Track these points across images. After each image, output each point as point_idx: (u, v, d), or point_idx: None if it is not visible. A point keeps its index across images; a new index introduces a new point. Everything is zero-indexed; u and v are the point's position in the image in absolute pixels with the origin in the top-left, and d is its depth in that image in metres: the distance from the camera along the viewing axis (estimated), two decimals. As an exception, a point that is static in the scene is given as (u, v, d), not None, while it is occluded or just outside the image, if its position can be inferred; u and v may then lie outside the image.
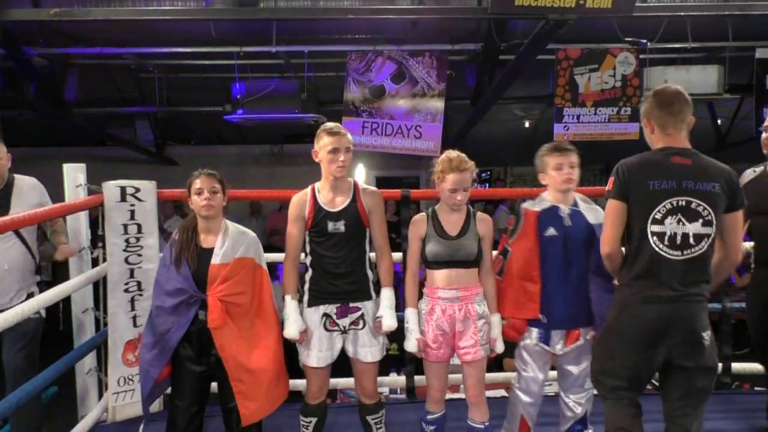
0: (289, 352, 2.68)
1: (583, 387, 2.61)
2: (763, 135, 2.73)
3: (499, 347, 2.55)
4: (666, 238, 2.13)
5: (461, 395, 3.69)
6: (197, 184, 2.49)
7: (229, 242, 2.49)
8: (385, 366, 3.57)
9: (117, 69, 7.53)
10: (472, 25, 5.94)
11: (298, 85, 6.21)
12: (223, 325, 2.41)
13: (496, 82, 5.42)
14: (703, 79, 6.16)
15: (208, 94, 7.83)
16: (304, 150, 2.56)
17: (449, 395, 3.06)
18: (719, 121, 9.17)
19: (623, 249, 2.27)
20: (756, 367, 3.36)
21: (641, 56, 6.27)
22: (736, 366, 3.51)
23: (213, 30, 6.04)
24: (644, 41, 5.47)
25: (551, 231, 2.49)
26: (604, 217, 2.34)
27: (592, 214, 2.54)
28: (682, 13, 4.90)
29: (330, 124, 2.55)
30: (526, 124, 10.62)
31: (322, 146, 2.50)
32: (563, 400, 2.65)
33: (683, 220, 2.12)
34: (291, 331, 2.52)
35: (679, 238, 2.13)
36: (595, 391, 2.60)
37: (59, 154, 7.96)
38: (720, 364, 3.47)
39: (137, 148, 9.36)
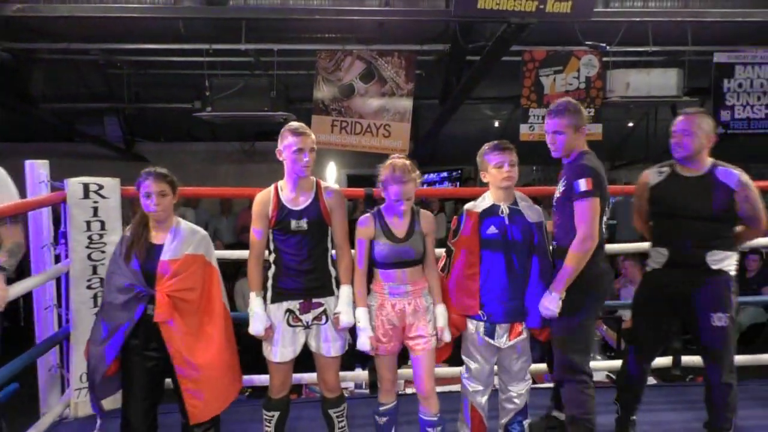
0: (255, 348, 2.73)
1: (523, 379, 2.73)
2: (672, 140, 2.73)
3: (447, 336, 2.63)
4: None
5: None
6: (145, 186, 2.50)
7: (179, 239, 2.53)
8: (351, 361, 3.63)
9: (85, 65, 7.47)
10: (441, 26, 6.03)
11: (268, 83, 6.22)
12: (168, 320, 2.45)
13: (462, 83, 5.51)
14: (664, 81, 6.33)
15: (178, 90, 7.81)
16: (275, 147, 2.60)
17: (411, 389, 3.15)
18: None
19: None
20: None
21: (604, 59, 6.43)
22: (686, 359, 3.61)
23: (182, 27, 6.05)
24: (604, 45, 5.61)
25: (492, 230, 2.59)
26: (584, 214, 2.54)
27: (531, 212, 2.64)
28: (638, 19, 5.04)
29: (294, 124, 2.59)
30: (496, 124, 10.76)
31: (287, 146, 2.54)
32: (504, 394, 2.75)
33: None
34: (256, 327, 2.57)
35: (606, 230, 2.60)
36: (530, 381, 2.74)
37: (24, 150, 7.86)
38: (670, 357, 3.64)
39: (106, 145, 9.26)
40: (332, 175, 10.41)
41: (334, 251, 2.69)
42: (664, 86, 6.36)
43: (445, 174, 11.46)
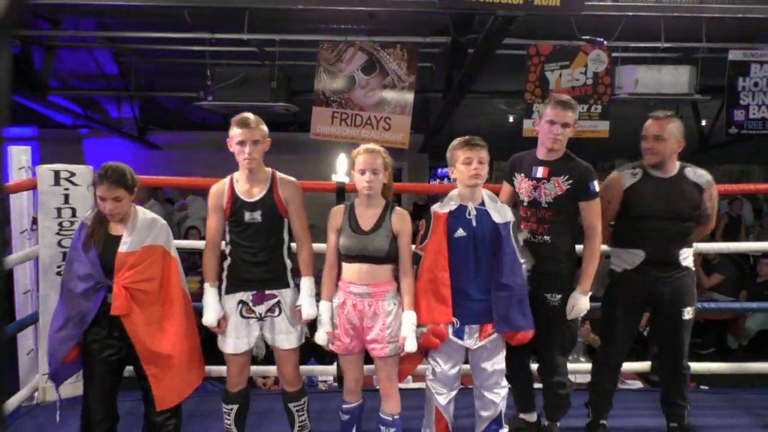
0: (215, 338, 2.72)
1: (498, 384, 2.64)
2: (643, 144, 2.74)
3: (408, 346, 2.50)
4: None
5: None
6: (100, 191, 2.46)
7: (137, 231, 2.53)
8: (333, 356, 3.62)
9: (97, 53, 7.57)
10: (445, 18, 5.93)
11: (269, 73, 6.21)
12: (127, 313, 2.45)
13: (459, 76, 5.42)
14: (675, 79, 6.14)
15: (187, 80, 7.86)
16: (286, 138, 2.62)
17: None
18: (703, 122, 9.17)
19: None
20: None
21: (614, 55, 6.26)
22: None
23: (187, 15, 6.07)
24: (600, 39, 5.45)
25: (460, 232, 2.52)
26: (599, 212, 2.69)
27: (498, 212, 2.56)
28: (631, 13, 4.87)
29: (242, 115, 2.56)
30: (510, 119, 10.62)
31: (232, 137, 2.53)
32: (479, 399, 2.68)
33: None
34: (209, 318, 2.57)
35: None
36: (507, 388, 2.66)
37: (34, 136, 8.00)
38: (649, 363, 3.56)
39: (119, 133, 9.39)
40: (343, 167, 10.39)
41: (293, 243, 2.67)
42: (676, 84, 6.17)
43: (458, 169, 11.34)
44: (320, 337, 2.58)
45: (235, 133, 2.51)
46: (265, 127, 2.58)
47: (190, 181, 3.70)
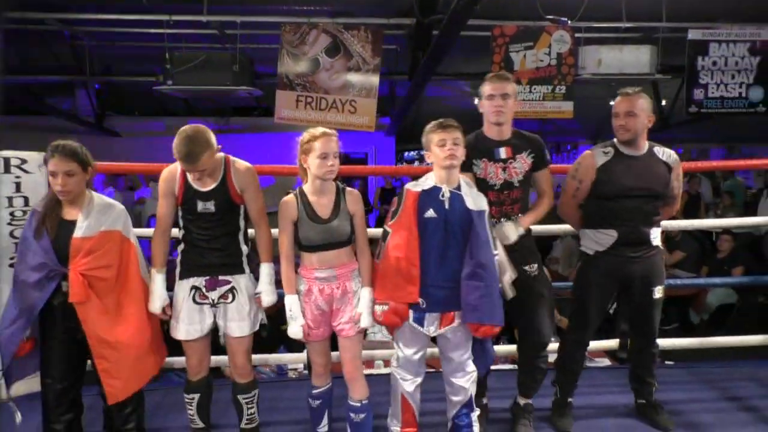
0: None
1: (465, 370, 2.61)
2: (615, 122, 2.72)
3: (363, 322, 2.49)
4: None
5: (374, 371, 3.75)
6: (51, 165, 2.35)
7: (93, 215, 2.42)
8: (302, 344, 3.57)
9: (51, 36, 7.28)
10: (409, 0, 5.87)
11: (231, 56, 6.07)
12: (85, 300, 2.35)
13: (425, 58, 5.37)
14: (637, 58, 6.22)
15: (146, 64, 7.64)
16: (251, 123, 2.49)
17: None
18: (663, 102, 9.32)
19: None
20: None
21: (576, 35, 6.29)
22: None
23: (143, -3, 5.89)
24: (564, 19, 5.47)
25: (430, 213, 2.46)
26: (549, 181, 2.72)
27: (473, 199, 2.51)
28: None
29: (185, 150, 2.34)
30: (476, 101, 10.62)
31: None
32: (448, 386, 2.65)
33: None
34: (154, 305, 2.50)
35: None
36: (475, 372, 2.64)
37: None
38: (618, 340, 3.60)
39: (76, 119, 9.10)
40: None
41: (251, 230, 2.60)
42: (637, 63, 6.25)
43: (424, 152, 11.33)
44: (295, 332, 2.50)
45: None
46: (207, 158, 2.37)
47: (147, 167, 3.57)
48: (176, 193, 2.47)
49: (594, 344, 3.56)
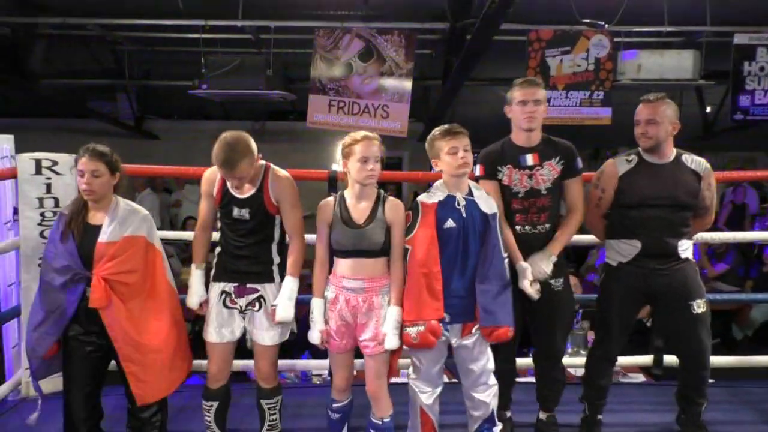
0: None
1: (487, 383, 2.53)
2: (636, 130, 2.63)
3: (389, 343, 2.39)
4: None
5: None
6: (79, 164, 2.39)
7: (118, 220, 2.43)
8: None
9: (92, 41, 7.46)
10: (442, 3, 5.81)
11: (264, 61, 6.10)
12: (106, 305, 2.36)
13: (458, 63, 5.30)
14: (678, 64, 6.02)
15: (183, 68, 7.75)
16: (286, 127, 2.49)
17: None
18: (708, 109, 9.02)
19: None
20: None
21: (616, 39, 6.13)
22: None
23: (180, 3, 5.96)
24: (602, 23, 5.32)
25: (450, 223, 2.40)
26: (580, 191, 2.67)
27: (486, 203, 2.45)
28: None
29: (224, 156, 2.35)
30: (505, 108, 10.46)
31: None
32: (468, 400, 2.58)
33: None
34: (191, 300, 2.54)
35: None
36: (496, 386, 2.55)
37: (32, 126, 7.90)
38: (652, 356, 3.46)
39: (116, 122, 9.29)
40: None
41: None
42: (679, 68, 6.05)
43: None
44: (314, 336, 2.47)
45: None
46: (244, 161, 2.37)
47: (181, 170, 3.59)
48: (215, 196, 2.48)
49: (627, 359, 3.44)
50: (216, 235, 2.67)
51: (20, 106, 9.40)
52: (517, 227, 2.60)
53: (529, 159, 2.59)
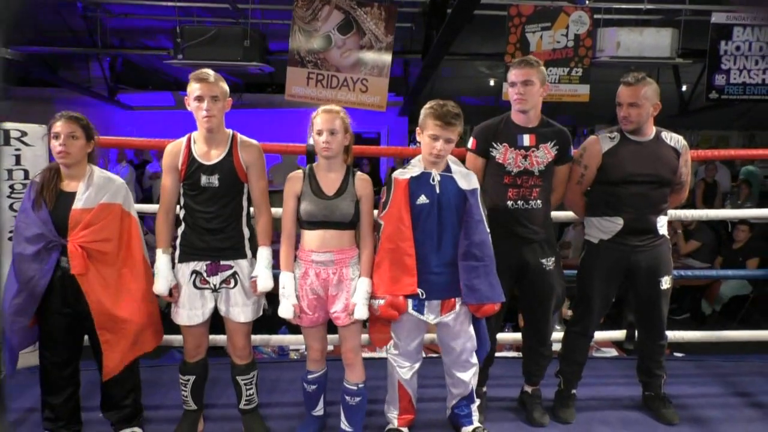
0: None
1: (468, 361, 2.56)
2: (619, 112, 2.64)
3: (357, 313, 2.41)
4: None
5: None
6: (55, 127, 2.34)
7: (93, 187, 2.38)
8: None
9: (66, 8, 7.22)
10: (424, -25, 5.74)
11: (242, 32, 5.97)
12: (86, 272, 2.32)
13: (438, 37, 5.25)
14: (657, 42, 6.04)
15: (157, 37, 7.59)
16: (265, 100, 2.43)
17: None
18: (684, 87, 9.10)
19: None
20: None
21: (596, 16, 6.12)
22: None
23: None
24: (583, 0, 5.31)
25: (422, 199, 2.39)
26: (565, 177, 2.70)
27: (465, 179, 2.43)
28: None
29: (203, 70, 2.40)
30: (492, 83, 10.45)
31: (189, 93, 2.38)
32: (449, 377, 2.61)
33: None
34: (160, 286, 2.44)
35: None
36: (476, 365, 2.59)
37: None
38: (624, 331, 3.53)
39: (87, 92, 9.07)
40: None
41: (253, 209, 2.54)
42: (658, 47, 6.07)
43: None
44: (285, 311, 2.45)
45: (193, 88, 2.36)
46: (225, 86, 2.42)
47: (156, 142, 3.51)
48: (180, 167, 2.42)
49: (600, 334, 3.51)
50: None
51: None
52: (509, 202, 2.60)
53: (526, 139, 2.58)
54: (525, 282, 2.67)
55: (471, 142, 2.69)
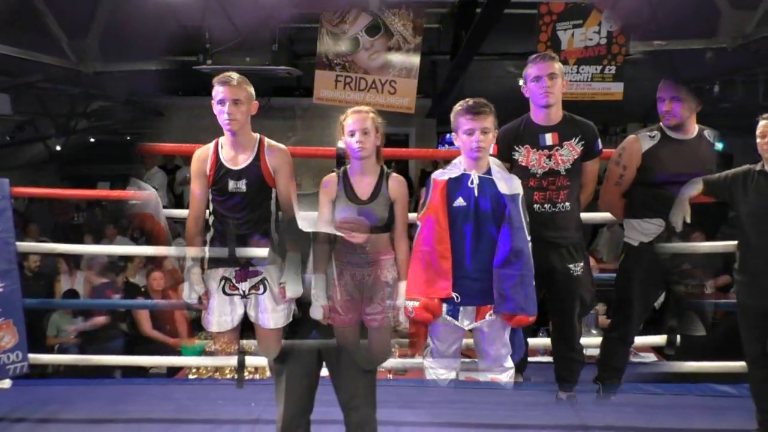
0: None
1: (503, 366, 2.51)
2: (660, 107, 2.60)
3: (402, 318, 2.40)
4: None
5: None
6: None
7: None
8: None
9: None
10: (451, -24, 5.68)
11: (270, 36, 5.99)
12: None
13: (467, 37, 5.18)
14: (693, 37, 5.88)
15: (185, 43, 7.64)
16: (292, 103, 2.42)
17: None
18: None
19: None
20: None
21: (629, 12, 5.98)
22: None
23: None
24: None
25: (459, 201, 2.34)
26: (595, 173, 2.61)
27: (506, 183, 2.37)
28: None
29: (227, 73, 2.39)
30: (521, 82, 10.31)
31: (213, 96, 2.37)
32: (483, 380, 2.56)
33: None
34: (191, 295, 2.44)
35: None
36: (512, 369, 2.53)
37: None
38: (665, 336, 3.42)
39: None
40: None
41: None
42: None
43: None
44: (316, 312, 2.44)
45: (216, 91, 2.36)
46: (250, 89, 2.40)
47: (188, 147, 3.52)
48: (207, 173, 2.41)
49: (639, 339, 3.40)
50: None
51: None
52: (536, 206, 2.54)
53: (549, 138, 2.52)
54: (552, 287, 2.61)
55: (492, 149, 2.61)
